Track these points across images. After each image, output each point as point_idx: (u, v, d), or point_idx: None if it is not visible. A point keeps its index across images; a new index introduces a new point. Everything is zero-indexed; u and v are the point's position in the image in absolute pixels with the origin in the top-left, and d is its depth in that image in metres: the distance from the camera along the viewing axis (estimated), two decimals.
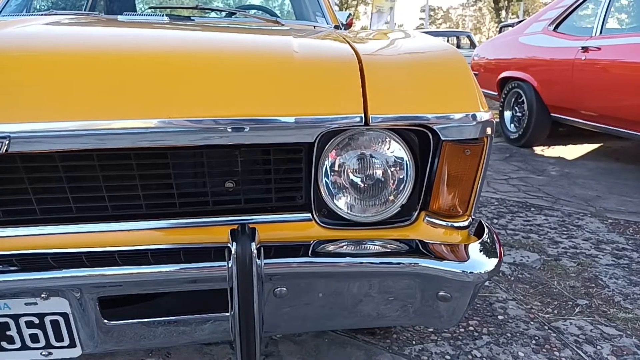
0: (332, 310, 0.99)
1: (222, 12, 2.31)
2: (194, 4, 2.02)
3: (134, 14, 1.53)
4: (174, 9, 2.73)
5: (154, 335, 0.96)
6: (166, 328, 0.95)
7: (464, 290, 0.93)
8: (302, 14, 2.66)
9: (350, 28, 2.83)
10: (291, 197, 0.98)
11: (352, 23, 2.88)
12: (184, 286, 0.91)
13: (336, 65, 0.91)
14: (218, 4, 3.61)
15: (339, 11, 3.17)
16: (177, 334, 0.97)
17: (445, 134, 0.87)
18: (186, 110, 0.81)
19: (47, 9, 2.25)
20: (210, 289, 0.91)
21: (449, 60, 0.94)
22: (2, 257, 0.86)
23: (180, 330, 0.96)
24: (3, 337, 0.88)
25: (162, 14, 1.54)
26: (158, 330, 0.95)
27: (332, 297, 0.95)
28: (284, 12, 3.07)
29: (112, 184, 0.88)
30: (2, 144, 0.76)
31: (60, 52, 0.88)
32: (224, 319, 0.95)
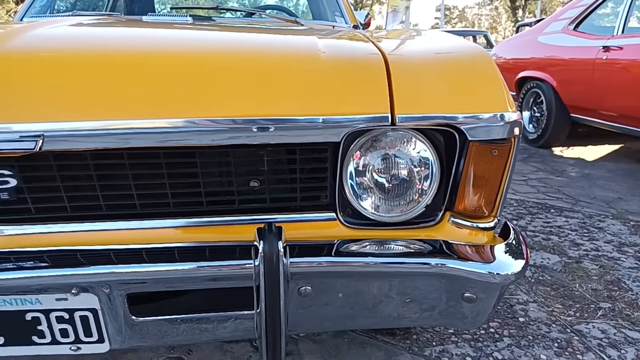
0: (355, 310, 0.99)
1: (241, 12, 2.32)
2: (209, 5, 2.03)
3: (158, 14, 1.55)
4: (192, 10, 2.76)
5: (177, 332, 0.97)
6: (189, 325, 0.96)
7: (489, 291, 0.92)
8: (320, 14, 2.66)
9: (368, 28, 2.82)
10: (316, 196, 0.98)
11: (370, 23, 2.87)
12: (209, 284, 0.92)
13: (362, 65, 0.91)
14: (233, 4, 3.63)
15: (356, 11, 3.17)
16: (199, 332, 0.98)
17: (472, 134, 0.87)
18: (214, 110, 0.82)
19: (68, 10, 2.28)
20: (233, 287, 0.92)
21: (477, 59, 0.93)
22: (34, 254, 0.88)
23: (203, 327, 0.97)
24: (34, 332, 0.90)
25: (186, 15, 1.55)
26: (181, 327, 0.96)
27: (355, 296, 0.96)
28: (299, 12, 3.08)
29: (141, 182, 0.89)
30: (36, 143, 0.77)
31: (91, 52, 0.90)
32: (246, 317, 0.96)
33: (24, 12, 2.29)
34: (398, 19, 11.44)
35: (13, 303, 0.87)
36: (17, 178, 0.84)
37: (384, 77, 0.87)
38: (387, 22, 11.29)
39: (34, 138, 0.77)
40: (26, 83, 0.81)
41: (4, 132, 0.77)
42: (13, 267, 0.86)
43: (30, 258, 0.87)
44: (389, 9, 11.14)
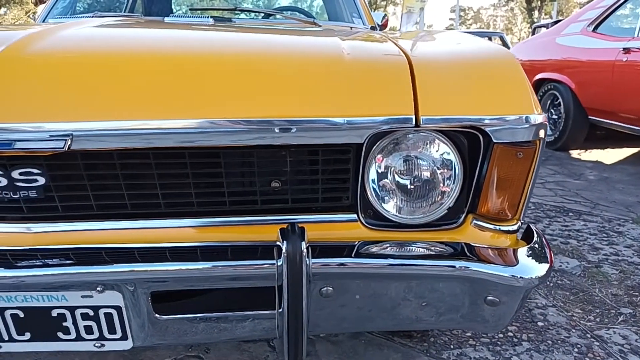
0: (374, 311, 0.98)
1: (258, 13, 2.34)
2: (224, 5, 2.04)
3: (179, 15, 1.57)
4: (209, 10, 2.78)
5: (197, 330, 0.97)
6: (210, 324, 0.97)
7: (513, 295, 0.91)
8: (336, 15, 2.66)
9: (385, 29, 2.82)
10: (337, 197, 0.98)
11: (387, 24, 2.87)
12: (230, 283, 0.92)
13: (386, 66, 0.91)
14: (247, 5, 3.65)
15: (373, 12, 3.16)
16: (218, 331, 0.98)
17: (497, 137, 0.86)
18: (240, 111, 0.82)
19: (88, 11, 2.31)
20: (254, 287, 0.93)
21: (502, 61, 0.93)
22: (60, 251, 0.90)
23: (222, 326, 0.98)
24: (59, 328, 0.91)
25: (207, 16, 1.56)
26: (202, 326, 0.97)
27: (376, 298, 0.95)
28: (313, 13, 3.08)
29: (166, 182, 0.90)
30: (65, 142, 0.79)
31: (118, 53, 0.91)
32: (265, 317, 0.96)
33: (46, 13, 2.33)
34: (412, 20, 11.39)
35: (40, 299, 0.88)
36: (46, 177, 0.85)
37: (408, 78, 0.87)
38: (401, 23, 11.26)
39: (63, 137, 0.78)
40: (56, 83, 0.82)
41: (34, 132, 0.78)
42: (40, 264, 0.87)
43: (57, 255, 0.88)
44: (404, 10, 11.11)
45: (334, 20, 2.55)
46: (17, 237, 0.90)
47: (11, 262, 0.86)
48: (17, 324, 0.90)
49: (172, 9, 2.99)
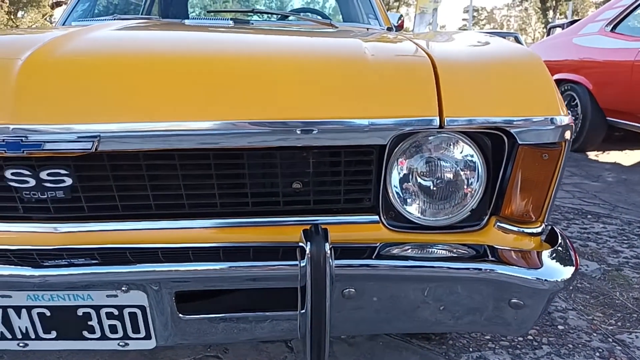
0: (395, 313, 0.98)
1: (275, 15, 2.34)
2: (237, 7, 2.05)
3: (199, 18, 1.58)
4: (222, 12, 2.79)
5: (217, 331, 0.98)
6: (231, 324, 0.97)
7: (537, 298, 0.90)
8: (351, 16, 2.65)
9: (401, 30, 2.81)
10: (359, 199, 0.98)
11: (403, 25, 2.86)
12: (252, 284, 0.93)
13: (410, 67, 0.91)
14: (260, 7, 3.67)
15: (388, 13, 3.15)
16: (237, 331, 0.99)
17: (522, 138, 0.85)
18: (264, 112, 0.83)
19: (107, 14, 2.34)
20: (274, 287, 0.93)
21: (527, 61, 0.92)
22: (86, 251, 0.91)
23: (241, 327, 0.98)
24: (85, 327, 0.92)
25: (227, 18, 1.57)
26: (223, 326, 0.97)
27: (397, 300, 0.95)
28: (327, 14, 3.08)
29: (190, 182, 0.90)
30: (93, 143, 0.80)
31: (144, 55, 0.92)
32: (284, 318, 0.96)
33: (66, 16, 2.36)
34: (425, 21, 11.34)
35: (66, 298, 0.89)
36: (73, 177, 0.86)
37: (431, 79, 0.87)
38: (414, 24, 11.21)
39: (90, 139, 0.80)
40: (84, 85, 0.83)
41: (63, 133, 0.79)
42: (66, 264, 0.88)
43: (83, 255, 0.89)
44: (417, 10, 11.06)
45: (349, 21, 2.55)
46: (44, 236, 0.91)
47: (38, 262, 0.88)
48: (44, 323, 0.92)
49: (188, 11, 3.02)
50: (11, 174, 0.85)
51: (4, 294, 0.89)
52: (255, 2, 3.99)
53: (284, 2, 4.02)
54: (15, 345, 0.94)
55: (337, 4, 3.06)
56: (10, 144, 0.79)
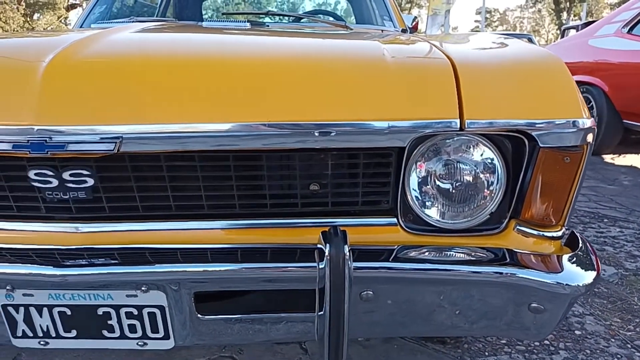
0: (411, 317, 0.98)
1: (289, 17, 2.35)
2: (249, 9, 2.06)
3: (217, 20, 1.59)
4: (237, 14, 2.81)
5: (232, 332, 0.98)
6: (246, 325, 0.97)
7: (558, 303, 0.89)
8: (364, 18, 2.65)
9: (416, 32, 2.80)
10: (377, 201, 0.98)
11: (417, 26, 2.85)
12: (269, 285, 0.93)
13: (430, 69, 0.90)
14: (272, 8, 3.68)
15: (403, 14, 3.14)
16: (253, 332, 0.99)
17: (544, 141, 0.85)
18: (285, 114, 0.83)
19: (123, 17, 2.36)
20: (291, 289, 0.93)
21: (548, 64, 0.91)
22: (106, 251, 0.92)
23: (257, 328, 0.98)
24: (104, 326, 0.93)
25: (244, 21, 1.58)
26: (240, 327, 0.97)
27: (415, 304, 0.95)
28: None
29: (210, 183, 0.91)
30: (115, 144, 0.81)
31: (165, 57, 0.93)
32: (299, 320, 0.96)
33: (84, 18, 2.40)
34: (437, 23, 11.29)
35: (86, 298, 0.90)
36: (95, 178, 0.87)
37: (452, 81, 0.86)
38: (427, 26, 11.17)
39: (113, 140, 0.80)
40: (106, 86, 0.84)
41: (86, 134, 0.80)
42: (86, 264, 0.89)
43: (103, 255, 0.90)
44: (430, 12, 11.02)
45: (362, 23, 2.55)
46: (65, 236, 0.92)
47: (59, 261, 0.89)
48: (64, 321, 0.93)
49: (202, 13, 3.04)
50: (34, 174, 0.86)
51: (26, 293, 0.90)
52: (267, 4, 4.01)
53: (295, 4, 4.04)
54: (36, 344, 0.96)
55: (350, 5, 3.06)
56: (35, 145, 0.80)
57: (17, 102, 0.83)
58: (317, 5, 3.94)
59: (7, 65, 0.90)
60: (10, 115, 0.82)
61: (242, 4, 4.17)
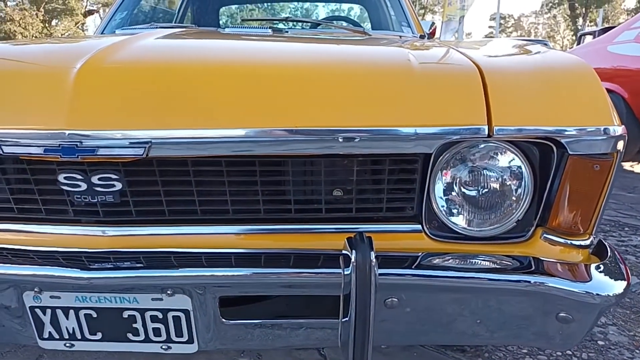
0: (434, 325, 0.97)
1: (307, 23, 2.35)
2: (264, 15, 2.07)
3: (239, 27, 1.60)
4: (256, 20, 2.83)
5: (252, 337, 0.98)
6: (267, 330, 0.97)
7: (587, 313, 0.88)
8: (380, 24, 2.65)
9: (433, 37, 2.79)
10: (401, 207, 0.97)
11: (435, 32, 2.84)
12: (292, 290, 0.93)
13: (457, 75, 0.90)
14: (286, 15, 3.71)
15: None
16: (273, 338, 0.99)
17: (573, 148, 0.84)
18: (312, 120, 0.83)
19: (143, 22, 2.39)
20: (312, 294, 0.93)
21: (578, 71, 0.90)
22: (133, 254, 0.92)
23: (277, 333, 0.98)
24: (129, 329, 0.94)
25: (266, 27, 1.60)
26: (260, 332, 0.98)
27: (439, 311, 0.94)
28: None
29: (236, 189, 0.92)
30: (144, 149, 0.82)
31: (192, 63, 0.94)
32: (318, 326, 0.96)
33: (105, 24, 2.43)
34: (451, 29, 11.26)
35: (112, 301, 0.91)
36: (123, 182, 0.88)
37: (479, 87, 0.86)
38: (441, 32, 11.14)
39: (142, 145, 0.81)
40: (135, 92, 0.85)
41: (116, 139, 0.81)
42: (113, 267, 0.90)
43: (130, 259, 0.91)
44: (444, 18, 11.00)
45: (378, 29, 2.55)
46: (92, 239, 0.93)
47: (86, 264, 0.90)
48: (90, 324, 0.94)
49: (219, 19, 3.07)
50: (64, 178, 0.88)
51: (54, 295, 0.91)
52: (281, 11, 4.04)
53: (308, 10, 4.06)
54: (62, 345, 0.97)
55: (366, 11, 3.06)
56: (66, 149, 0.81)
57: (48, 107, 0.84)
58: (331, 11, 3.95)
59: (38, 71, 0.92)
60: (42, 119, 0.83)
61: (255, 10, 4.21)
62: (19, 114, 0.85)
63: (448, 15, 10.71)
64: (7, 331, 0.99)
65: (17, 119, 0.84)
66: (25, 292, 0.90)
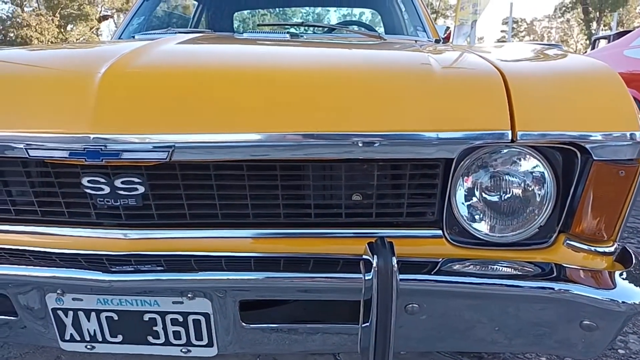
0: (453, 331, 0.96)
1: (323, 28, 2.36)
2: (275, 20, 2.07)
3: (256, 32, 1.61)
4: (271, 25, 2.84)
5: (268, 341, 0.98)
6: (284, 335, 0.97)
7: (612, 321, 0.87)
8: (394, 28, 2.65)
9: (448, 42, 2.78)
10: (422, 212, 0.97)
11: (450, 37, 2.83)
12: (311, 295, 0.92)
13: (479, 79, 0.89)
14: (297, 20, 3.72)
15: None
16: (289, 342, 0.99)
17: (598, 154, 0.83)
18: (334, 125, 0.83)
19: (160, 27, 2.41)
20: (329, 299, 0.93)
21: (603, 76, 0.89)
22: (154, 257, 0.93)
23: (293, 338, 0.98)
24: (150, 332, 0.94)
25: (284, 32, 1.60)
26: (275, 336, 0.97)
27: (459, 318, 0.93)
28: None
29: (257, 193, 0.92)
30: (168, 153, 0.82)
31: (214, 68, 0.95)
32: (334, 331, 0.95)
33: (123, 29, 2.46)
34: (464, 33, 11.19)
35: (133, 303, 0.92)
36: (145, 186, 0.89)
37: (502, 91, 0.85)
38: (453, 36, 11.08)
39: (166, 149, 0.82)
40: (158, 96, 0.86)
41: (140, 143, 0.82)
42: (133, 270, 0.91)
43: (151, 262, 0.92)
44: (456, 22, 10.94)
45: (391, 33, 2.55)
46: (114, 242, 0.94)
47: (107, 267, 0.90)
48: (111, 326, 0.94)
49: (233, 24, 3.10)
50: (87, 181, 0.89)
51: (76, 297, 0.92)
52: (292, 16, 4.06)
53: (320, 15, 4.08)
54: (83, 348, 0.97)
55: (379, 16, 3.06)
56: (90, 153, 0.82)
57: (73, 111, 0.85)
58: (342, 16, 3.96)
59: (63, 76, 0.93)
60: (67, 123, 0.85)
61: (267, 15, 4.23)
62: (44, 118, 0.86)
63: (460, 20, 10.65)
64: (28, 332, 1.00)
65: (43, 123, 0.86)
66: (48, 294, 0.91)
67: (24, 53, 1.23)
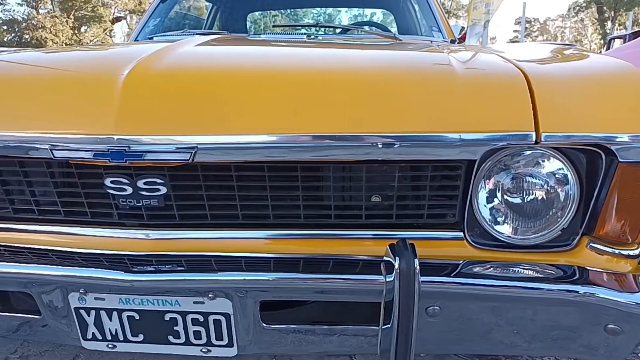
0: (472, 333, 0.95)
1: (336, 29, 2.36)
2: (287, 21, 2.07)
3: (273, 33, 1.62)
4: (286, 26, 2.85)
5: (285, 342, 0.98)
6: (302, 336, 0.97)
7: (636, 324, 0.85)
8: (409, 28, 2.63)
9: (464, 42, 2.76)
10: (442, 214, 0.96)
11: (465, 37, 2.82)
12: (330, 296, 0.92)
13: (502, 80, 0.88)
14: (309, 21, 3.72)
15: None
16: (307, 343, 0.99)
17: (624, 156, 0.82)
18: (356, 126, 0.83)
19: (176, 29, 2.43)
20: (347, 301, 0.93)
21: (628, 76, 0.88)
22: (174, 257, 0.94)
23: (310, 339, 0.98)
24: (170, 332, 0.95)
25: (301, 33, 1.61)
26: (293, 337, 0.98)
27: (480, 320, 0.92)
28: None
29: (277, 194, 0.92)
30: (191, 154, 0.83)
31: (235, 70, 0.96)
32: (351, 333, 0.95)
33: (139, 31, 2.48)
34: (476, 33, 11.11)
35: (155, 303, 0.92)
36: (167, 186, 0.90)
37: (526, 92, 0.84)
38: (466, 36, 11.01)
39: (188, 150, 0.83)
40: (181, 98, 0.86)
41: (163, 144, 0.83)
42: (154, 270, 0.91)
43: (172, 262, 0.92)
44: (469, 22, 10.87)
45: (405, 33, 2.54)
46: (136, 242, 0.95)
47: (129, 267, 0.91)
48: (133, 326, 0.95)
49: (246, 26, 3.11)
50: (110, 182, 0.90)
51: (98, 297, 0.93)
52: (304, 17, 4.06)
53: (332, 15, 4.08)
54: (105, 347, 0.98)
55: (392, 16, 3.05)
56: (114, 154, 0.83)
57: (97, 113, 0.86)
58: (354, 17, 3.96)
59: (87, 78, 0.94)
60: (91, 125, 0.85)
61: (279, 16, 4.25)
62: (68, 119, 0.87)
63: (473, 20, 10.57)
64: (50, 331, 1.01)
65: (67, 125, 0.87)
66: (71, 294, 0.93)
67: (45, 55, 1.24)
